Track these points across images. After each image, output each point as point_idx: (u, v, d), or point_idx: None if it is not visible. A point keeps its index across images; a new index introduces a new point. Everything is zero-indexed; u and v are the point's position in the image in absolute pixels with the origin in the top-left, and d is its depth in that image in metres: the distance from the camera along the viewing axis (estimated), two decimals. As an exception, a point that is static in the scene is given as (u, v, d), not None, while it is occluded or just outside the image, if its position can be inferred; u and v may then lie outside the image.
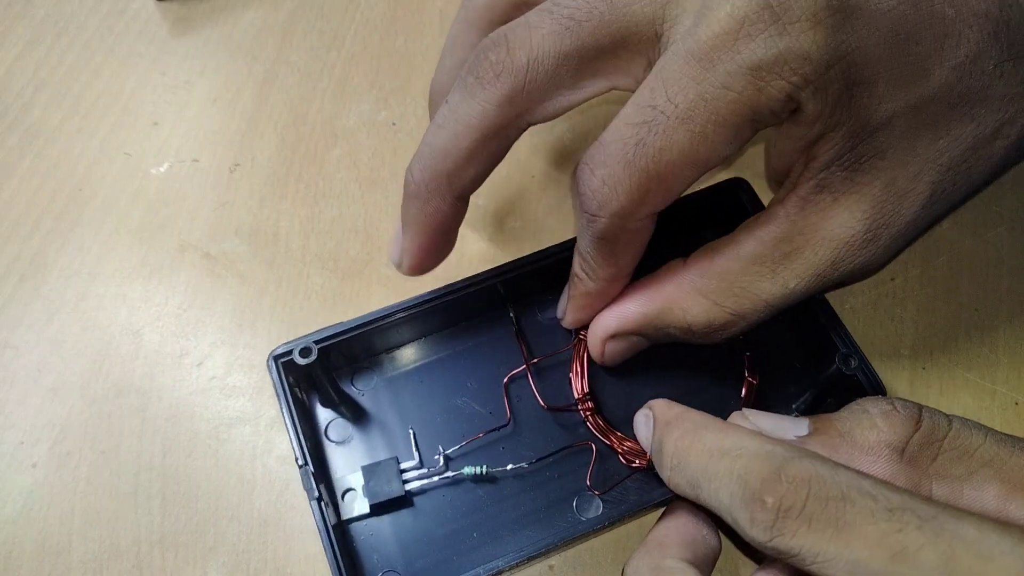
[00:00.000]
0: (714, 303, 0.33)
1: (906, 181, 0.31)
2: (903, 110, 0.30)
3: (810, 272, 0.32)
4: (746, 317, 0.33)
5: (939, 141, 0.31)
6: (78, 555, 0.36)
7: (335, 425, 0.38)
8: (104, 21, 0.52)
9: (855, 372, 0.35)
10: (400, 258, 0.36)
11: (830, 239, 0.31)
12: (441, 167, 0.32)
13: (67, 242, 0.44)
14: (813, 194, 0.31)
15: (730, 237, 0.34)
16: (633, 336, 0.36)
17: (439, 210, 0.34)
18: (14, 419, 0.39)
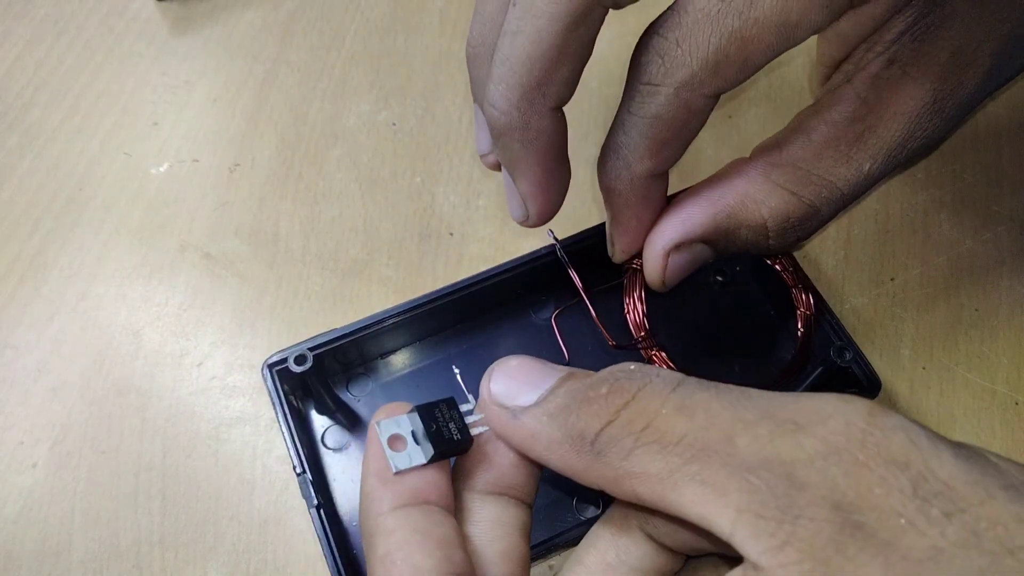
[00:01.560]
0: (791, 193, 0.31)
1: (971, 50, 0.30)
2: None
3: (884, 151, 0.31)
4: (822, 209, 0.31)
5: (1003, 10, 0.30)
6: (78, 555, 0.36)
7: (332, 432, 0.38)
8: (104, 21, 0.52)
9: (849, 364, 0.35)
10: (523, 209, 0.32)
11: (902, 112, 0.30)
12: (528, 79, 0.28)
13: (67, 242, 0.44)
14: (883, 68, 0.31)
15: (795, 125, 0.32)
16: (698, 245, 0.33)
17: (542, 131, 0.30)
18: (14, 419, 0.39)
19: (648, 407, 0.24)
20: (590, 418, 0.25)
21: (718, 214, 0.32)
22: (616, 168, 0.31)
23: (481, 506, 0.28)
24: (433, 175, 0.46)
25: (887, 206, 0.45)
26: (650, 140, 0.29)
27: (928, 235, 0.44)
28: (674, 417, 0.24)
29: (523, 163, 0.31)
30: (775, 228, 0.32)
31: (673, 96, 0.28)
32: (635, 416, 0.24)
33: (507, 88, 0.29)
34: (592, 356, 0.38)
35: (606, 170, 0.31)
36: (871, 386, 0.36)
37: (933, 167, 0.46)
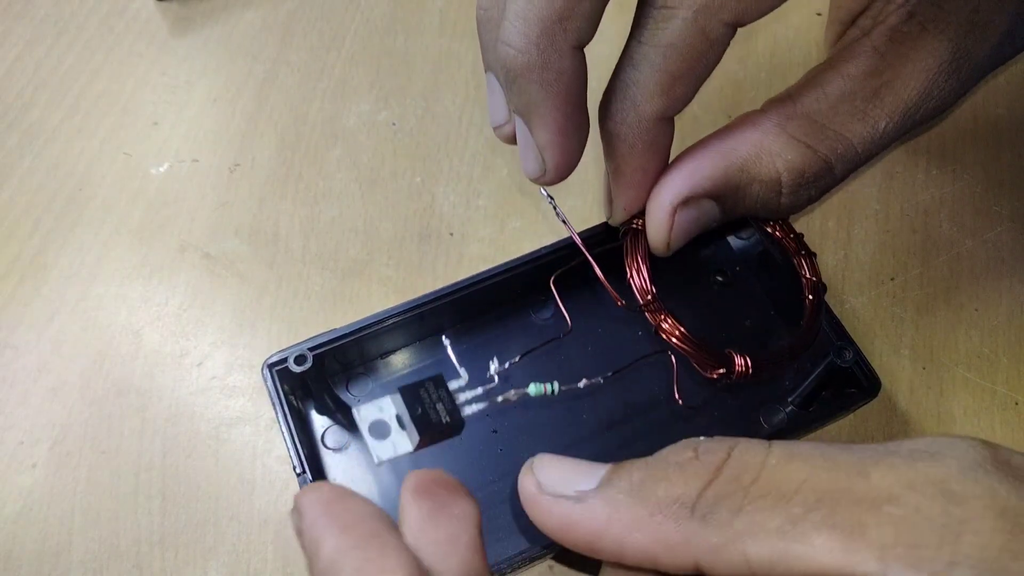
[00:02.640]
0: (807, 146, 0.29)
1: (989, 10, 0.30)
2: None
3: (900, 109, 0.30)
4: (836, 167, 0.30)
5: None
6: (78, 555, 0.36)
7: (332, 432, 0.38)
8: (104, 21, 0.52)
9: (849, 364, 0.35)
10: (540, 161, 0.29)
11: (921, 69, 0.29)
12: (548, 12, 0.26)
13: (67, 242, 0.44)
14: (903, 22, 0.30)
15: (809, 78, 0.31)
16: (707, 202, 0.30)
17: (563, 72, 0.27)
18: (14, 419, 0.39)
19: (751, 461, 0.22)
20: (687, 480, 0.22)
21: (730, 167, 0.30)
22: (623, 108, 0.28)
23: None
24: (433, 175, 0.46)
25: (887, 206, 0.45)
26: (663, 73, 0.27)
27: (928, 235, 0.44)
28: (786, 466, 0.22)
29: (541, 108, 0.28)
30: (789, 184, 0.30)
31: (692, 21, 0.25)
32: (739, 471, 0.22)
33: (524, 23, 0.26)
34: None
35: (611, 111, 0.28)
36: (871, 386, 0.36)
37: (933, 167, 0.46)
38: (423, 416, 0.25)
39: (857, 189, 0.45)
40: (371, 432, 0.25)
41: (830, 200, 0.45)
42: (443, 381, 0.26)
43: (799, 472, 0.21)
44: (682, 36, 0.26)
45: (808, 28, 0.51)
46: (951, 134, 0.47)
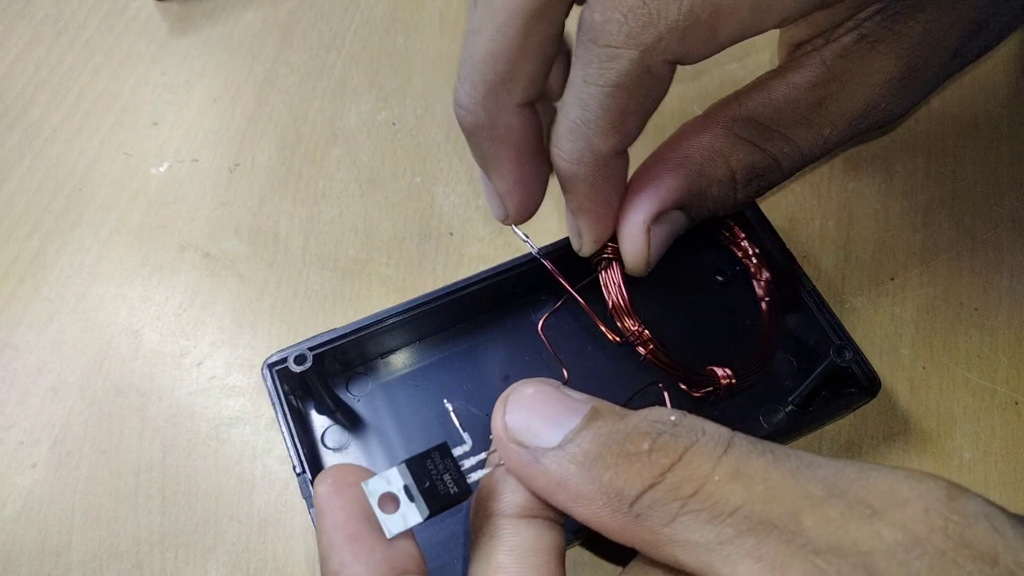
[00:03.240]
0: (754, 145, 0.31)
1: (940, 33, 0.31)
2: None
3: (844, 118, 0.31)
4: (783, 163, 0.31)
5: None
6: (78, 555, 0.36)
7: (331, 432, 0.38)
8: (104, 21, 0.52)
9: (849, 364, 0.35)
10: (502, 208, 0.32)
11: (867, 84, 0.31)
12: (492, 76, 0.28)
13: (67, 242, 0.44)
14: (854, 43, 0.31)
15: (755, 84, 0.32)
16: (675, 213, 0.31)
17: (511, 128, 0.29)
18: (14, 419, 0.39)
19: (697, 471, 0.22)
20: (631, 477, 0.23)
21: (689, 174, 0.31)
22: (578, 148, 0.29)
23: (514, 533, 0.26)
24: (433, 175, 0.46)
25: (887, 206, 0.45)
26: (614, 112, 0.27)
27: (928, 235, 0.44)
28: (728, 484, 0.22)
29: (494, 161, 0.30)
30: (743, 179, 0.31)
31: (637, 61, 0.26)
32: (682, 480, 0.22)
33: (471, 86, 0.28)
34: (591, 358, 0.38)
35: (566, 152, 0.29)
36: (871, 386, 0.36)
37: (933, 167, 0.46)
38: (431, 488, 0.25)
39: (857, 189, 0.45)
40: (380, 506, 0.25)
41: (830, 200, 0.45)
42: (448, 450, 0.26)
43: (738, 495, 0.22)
44: (628, 76, 0.26)
45: (808, 28, 0.51)
46: (951, 134, 0.47)
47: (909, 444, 0.38)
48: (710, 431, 0.23)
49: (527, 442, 0.25)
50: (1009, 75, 0.49)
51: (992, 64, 0.49)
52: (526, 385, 0.27)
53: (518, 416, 0.26)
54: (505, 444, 0.26)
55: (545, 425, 0.25)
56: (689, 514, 0.22)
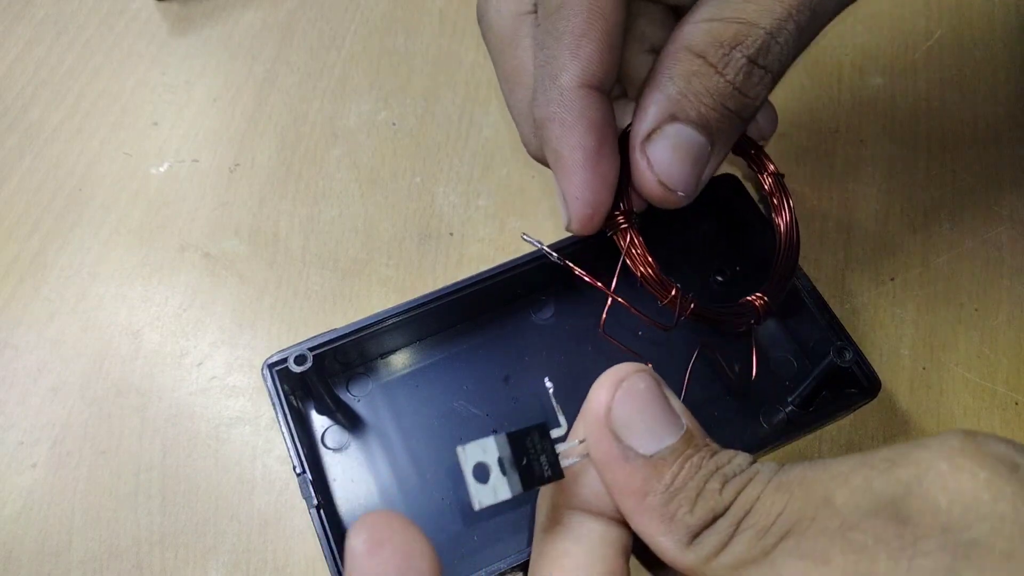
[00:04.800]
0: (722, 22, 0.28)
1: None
2: None
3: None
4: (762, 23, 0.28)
5: None
6: (78, 555, 0.36)
7: (331, 432, 0.38)
8: (104, 21, 0.52)
9: (850, 364, 0.35)
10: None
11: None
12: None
13: (67, 242, 0.44)
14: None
15: None
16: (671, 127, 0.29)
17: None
18: (14, 419, 0.39)
19: (750, 495, 0.23)
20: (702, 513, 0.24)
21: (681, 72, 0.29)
22: (544, 88, 0.28)
23: (582, 523, 0.26)
24: (433, 175, 0.46)
25: (887, 206, 0.45)
26: (567, 37, 0.27)
27: (928, 235, 0.44)
28: (771, 496, 0.23)
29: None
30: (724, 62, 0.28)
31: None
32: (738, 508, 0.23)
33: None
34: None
35: (539, 102, 0.29)
36: (871, 386, 0.36)
37: (933, 167, 0.46)
38: (527, 467, 0.25)
39: (857, 189, 0.45)
40: (474, 474, 0.25)
41: (830, 200, 0.45)
42: (547, 431, 0.26)
43: (780, 503, 0.22)
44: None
45: (808, 28, 0.51)
46: (951, 134, 0.47)
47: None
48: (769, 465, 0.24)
49: (624, 438, 0.25)
50: (1009, 75, 0.49)
51: (992, 64, 0.49)
52: (639, 378, 0.26)
53: (624, 409, 0.25)
54: (601, 428, 0.25)
55: (645, 430, 0.25)
56: (739, 535, 0.23)
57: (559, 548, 0.26)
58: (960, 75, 0.49)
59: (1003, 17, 0.51)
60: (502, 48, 0.32)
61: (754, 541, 0.22)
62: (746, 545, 0.22)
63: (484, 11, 0.32)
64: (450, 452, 0.37)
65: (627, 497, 0.25)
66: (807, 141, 0.47)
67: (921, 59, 0.50)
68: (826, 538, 0.21)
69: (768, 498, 0.23)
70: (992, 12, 0.51)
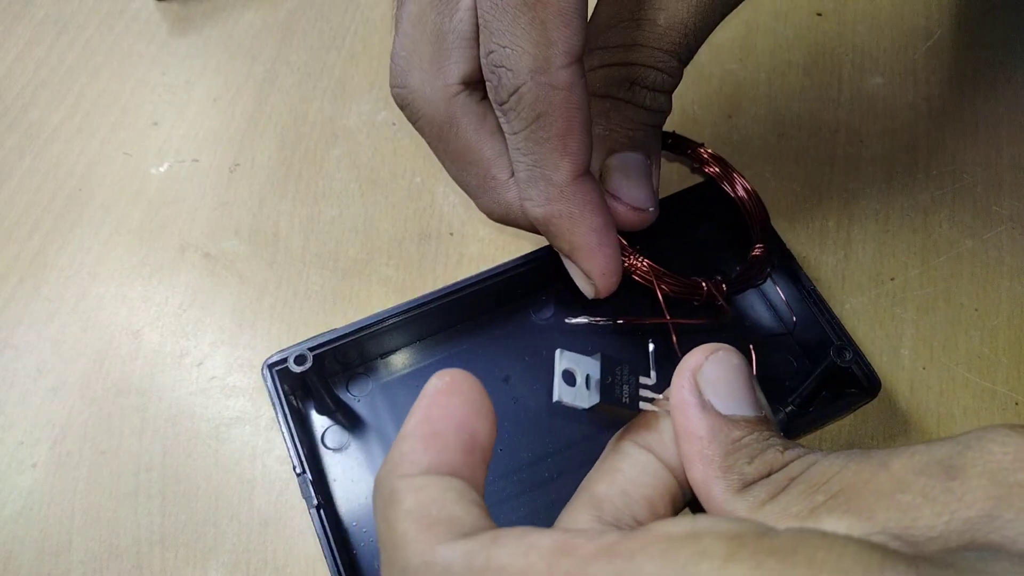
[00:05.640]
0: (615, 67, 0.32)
1: None
2: None
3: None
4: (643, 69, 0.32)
5: None
6: (78, 555, 0.36)
7: (331, 432, 0.38)
8: (104, 21, 0.52)
9: (850, 364, 0.35)
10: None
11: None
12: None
13: (67, 242, 0.44)
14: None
15: None
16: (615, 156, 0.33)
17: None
18: (14, 419, 0.39)
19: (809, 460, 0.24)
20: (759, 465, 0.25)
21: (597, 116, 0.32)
22: (541, 192, 0.30)
23: (643, 454, 0.27)
24: (433, 175, 0.46)
25: (887, 206, 0.45)
26: (552, 138, 0.28)
27: (928, 235, 0.44)
28: (830, 462, 0.24)
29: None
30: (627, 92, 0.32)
31: (535, 85, 0.27)
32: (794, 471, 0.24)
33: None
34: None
35: (535, 200, 0.30)
36: (871, 386, 0.36)
37: (933, 167, 0.46)
38: (610, 387, 0.28)
39: (857, 189, 0.45)
40: (564, 376, 0.27)
41: (830, 200, 0.45)
42: (636, 369, 0.28)
43: (831, 468, 0.23)
44: (539, 103, 0.28)
45: (808, 28, 0.51)
46: (951, 134, 0.47)
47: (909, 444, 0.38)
48: (826, 457, 0.25)
49: (706, 392, 0.26)
50: (1009, 75, 0.49)
51: (992, 64, 0.49)
52: (735, 354, 0.28)
53: (714, 370, 0.27)
54: (685, 375, 0.27)
55: (728, 395, 0.27)
56: (789, 489, 0.24)
57: (613, 465, 0.27)
58: (960, 75, 0.49)
59: (1003, 17, 0.51)
60: (440, 133, 0.32)
61: (803, 496, 0.23)
62: (794, 499, 0.23)
63: (407, 100, 0.32)
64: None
65: (692, 442, 0.26)
66: (807, 141, 0.47)
67: (921, 59, 0.50)
68: (874, 497, 0.22)
69: (825, 463, 0.24)
70: (992, 12, 0.51)
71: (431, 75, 0.31)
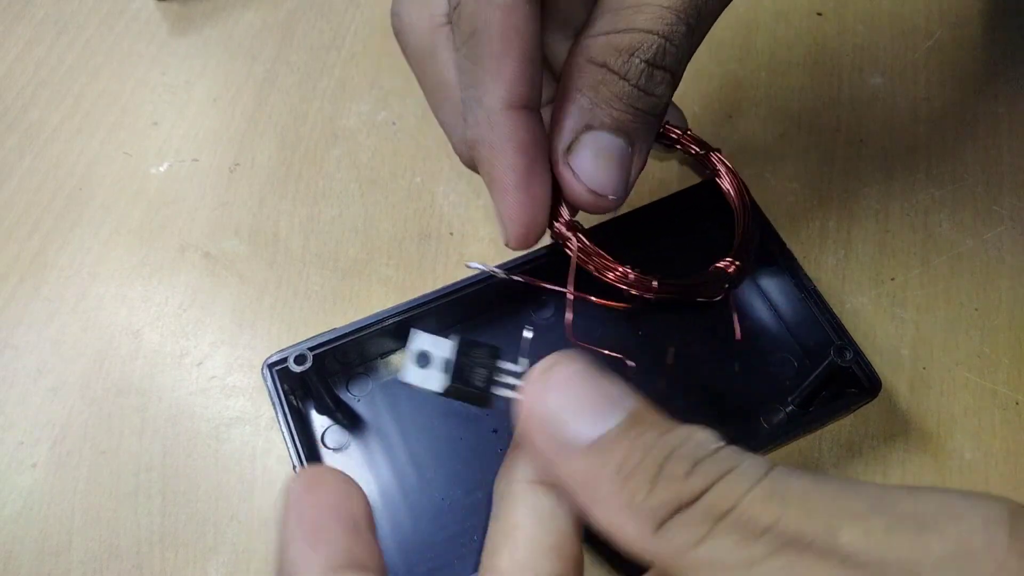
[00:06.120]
0: (618, 33, 0.29)
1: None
2: None
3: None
4: (648, 36, 0.29)
5: None
6: (78, 555, 0.36)
7: (331, 432, 0.38)
8: (104, 21, 0.52)
9: (850, 364, 0.35)
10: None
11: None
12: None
13: (67, 242, 0.44)
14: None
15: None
16: (589, 135, 0.30)
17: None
18: (14, 419, 0.39)
19: (733, 491, 0.21)
20: (665, 496, 0.21)
21: (585, 87, 0.29)
22: (471, 112, 0.28)
23: (534, 496, 0.25)
24: (433, 175, 0.46)
25: (887, 206, 0.45)
26: (486, 59, 0.27)
27: (928, 235, 0.44)
28: (763, 503, 0.20)
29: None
30: (626, 67, 0.29)
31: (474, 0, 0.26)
32: (716, 500, 0.21)
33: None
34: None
35: (469, 123, 0.29)
36: (871, 386, 0.36)
37: (933, 167, 0.46)
38: (463, 372, 0.26)
39: (857, 189, 0.45)
40: (416, 358, 0.26)
41: (830, 200, 0.45)
42: (497, 354, 0.27)
43: (773, 513, 0.20)
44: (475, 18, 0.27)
45: (808, 28, 0.51)
46: (951, 134, 0.47)
47: (909, 444, 0.38)
48: (751, 458, 0.22)
49: (558, 432, 0.23)
50: (1009, 75, 0.49)
51: (992, 64, 0.49)
52: (570, 360, 0.24)
53: (554, 398, 0.24)
54: (534, 424, 0.24)
55: (581, 417, 0.23)
56: (719, 534, 0.20)
57: (511, 521, 0.24)
58: (960, 75, 0.49)
59: (1003, 17, 0.51)
60: (421, 63, 0.32)
61: (739, 546, 0.20)
62: (729, 547, 0.20)
63: (399, 28, 0.32)
64: (450, 452, 0.37)
65: (579, 491, 0.23)
66: (807, 141, 0.47)
67: (921, 59, 0.50)
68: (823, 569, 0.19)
69: (758, 503, 0.20)
70: (992, 12, 0.51)
71: (420, 4, 0.31)
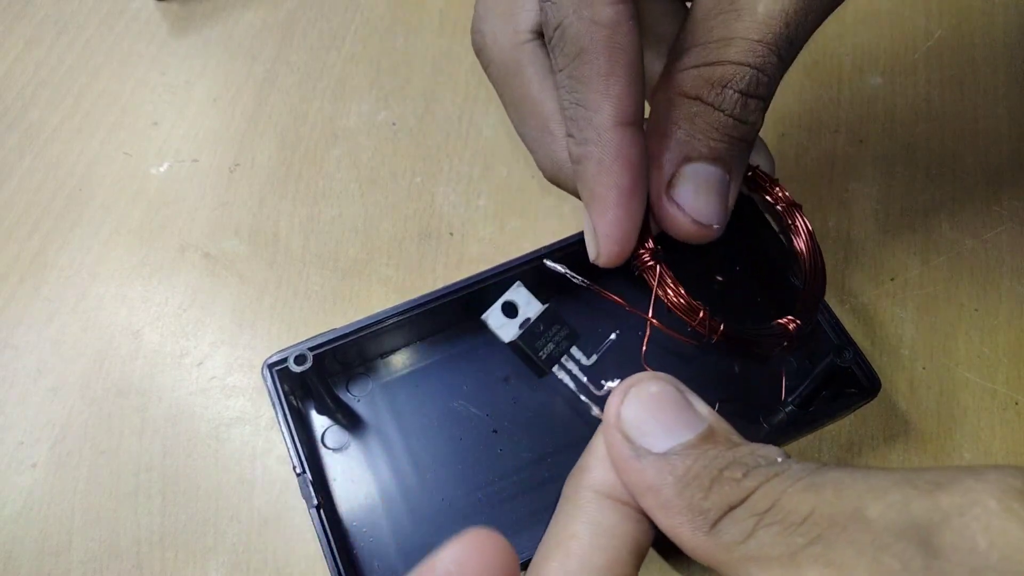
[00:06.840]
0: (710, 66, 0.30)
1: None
2: None
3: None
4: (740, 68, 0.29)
5: None
6: (78, 555, 0.36)
7: (331, 432, 0.38)
8: (104, 21, 0.52)
9: (850, 364, 0.35)
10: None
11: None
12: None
13: (67, 242, 0.44)
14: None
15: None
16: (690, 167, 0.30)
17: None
18: (14, 419, 0.39)
19: (776, 487, 0.23)
20: (718, 499, 0.23)
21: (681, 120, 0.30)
22: (581, 130, 0.29)
23: (598, 509, 0.26)
24: (433, 175, 0.46)
25: (887, 206, 0.45)
26: (594, 79, 0.28)
27: (928, 235, 0.44)
28: (800, 495, 0.22)
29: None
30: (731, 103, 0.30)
31: (577, 21, 0.27)
32: (761, 497, 0.23)
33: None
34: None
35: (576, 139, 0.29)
36: (871, 386, 0.36)
37: (933, 167, 0.46)
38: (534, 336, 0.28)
39: (857, 189, 0.45)
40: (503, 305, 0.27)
41: (830, 199, 0.45)
42: (575, 340, 0.28)
43: (809, 502, 0.22)
44: (583, 38, 0.27)
45: (808, 28, 0.51)
46: (951, 134, 0.47)
47: (909, 444, 0.38)
48: (801, 463, 0.24)
49: (635, 439, 0.25)
50: (1009, 75, 0.49)
51: (992, 64, 0.49)
52: (651, 381, 0.26)
53: (634, 410, 0.26)
54: (612, 432, 0.26)
55: (658, 429, 0.25)
56: (764, 528, 0.22)
57: (569, 530, 0.26)
58: (960, 75, 0.49)
59: (1003, 17, 0.51)
60: (506, 79, 0.32)
61: (780, 537, 0.22)
62: (772, 540, 0.22)
63: (481, 45, 0.32)
64: (450, 452, 0.37)
65: (644, 495, 0.25)
66: (807, 141, 0.47)
67: (921, 59, 0.50)
68: (854, 551, 0.20)
69: (796, 496, 0.22)
70: (992, 12, 0.51)
71: (504, 21, 0.31)
